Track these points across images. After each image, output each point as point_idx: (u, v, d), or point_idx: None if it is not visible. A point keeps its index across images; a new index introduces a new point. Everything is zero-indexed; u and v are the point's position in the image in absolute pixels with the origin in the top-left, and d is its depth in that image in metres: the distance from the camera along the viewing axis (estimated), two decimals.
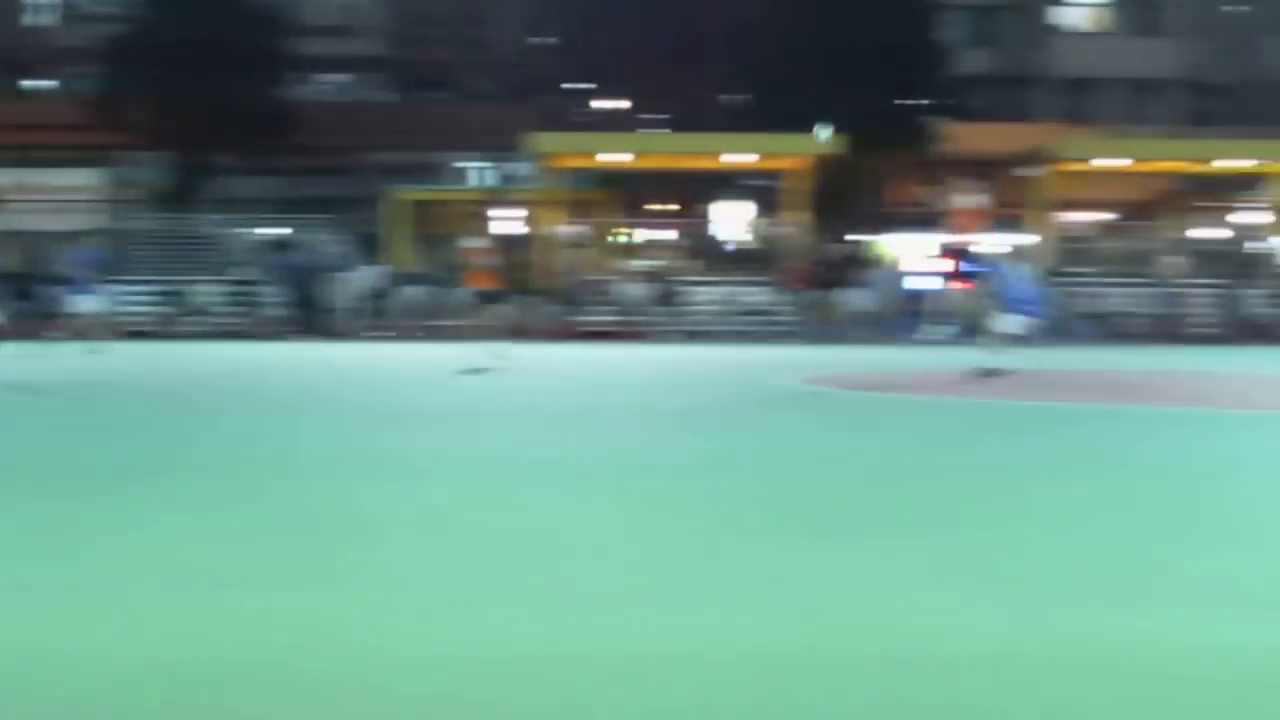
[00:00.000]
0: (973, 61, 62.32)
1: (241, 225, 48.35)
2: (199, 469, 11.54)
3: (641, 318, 40.05)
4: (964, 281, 41.29)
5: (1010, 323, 23.23)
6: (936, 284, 42.70)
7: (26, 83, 62.91)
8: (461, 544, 8.03)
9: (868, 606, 6.43)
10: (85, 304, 32.15)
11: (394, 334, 38.53)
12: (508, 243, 39.19)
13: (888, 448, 13.24)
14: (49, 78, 62.78)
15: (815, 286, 41.66)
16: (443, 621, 6.21)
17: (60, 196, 51.19)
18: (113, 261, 36.66)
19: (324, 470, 11.35)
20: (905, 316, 40.02)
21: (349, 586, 6.91)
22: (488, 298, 26.82)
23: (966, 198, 27.36)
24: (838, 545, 8.05)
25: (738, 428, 15.40)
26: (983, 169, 54.77)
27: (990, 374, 22.06)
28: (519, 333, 26.80)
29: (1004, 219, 47.97)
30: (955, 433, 14.94)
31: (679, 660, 5.55)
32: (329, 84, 64.34)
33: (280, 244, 45.56)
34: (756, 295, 41.11)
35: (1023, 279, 24.11)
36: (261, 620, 6.24)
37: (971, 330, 25.89)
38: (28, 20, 63.20)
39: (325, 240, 44.49)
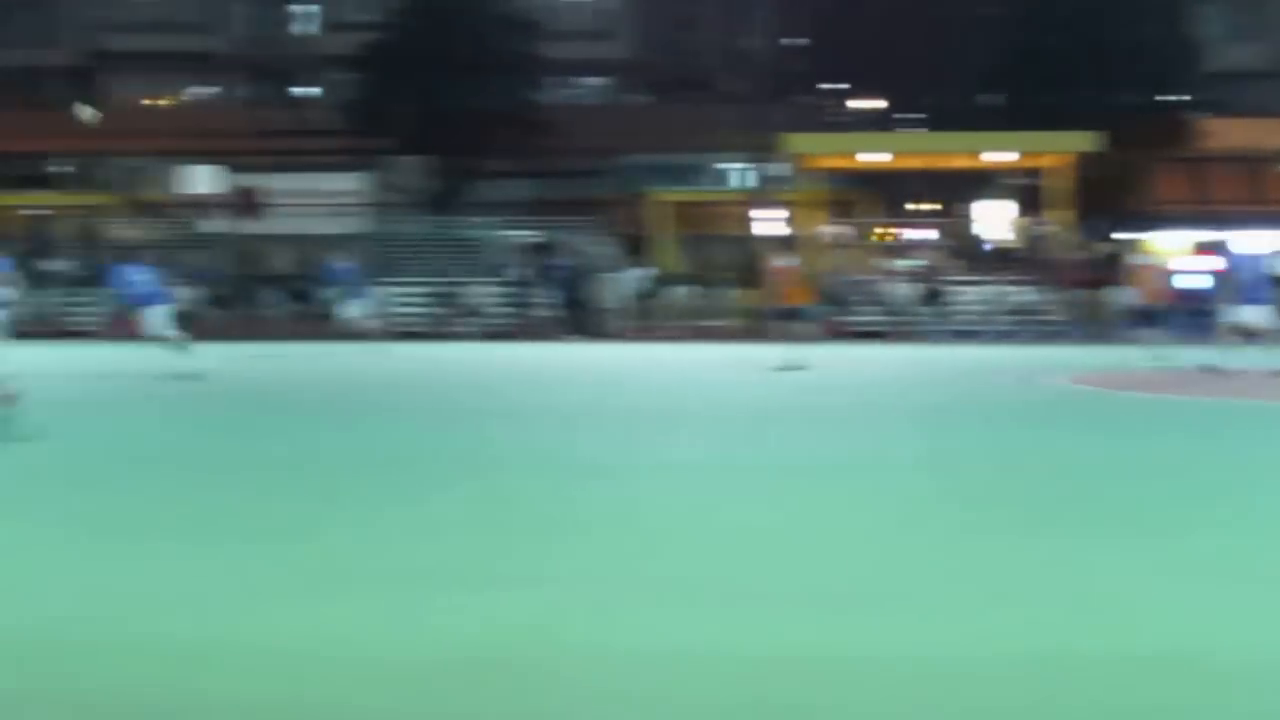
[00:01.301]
0: (1234, 55, 61.19)
1: (504, 228, 49.13)
2: (440, 467, 12.04)
3: (907, 318, 40.01)
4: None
5: (1249, 314, 22.67)
6: (1204, 282, 41.85)
7: (293, 90, 64.69)
8: (710, 542, 8.15)
9: (1112, 608, 6.33)
10: (353, 307, 32.97)
11: (661, 335, 38.90)
12: (770, 246, 39.37)
13: (1149, 450, 13.15)
14: (314, 85, 64.52)
15: (1082, 285, 41.21)
16: (653, 617, 6.31)
17: (327, 201, 52.31)
18: (371, 268, 37.34)
19: (534, 469, 11.65)
20: (1174, 315, 39.34)
21: (563, 582, 7.10)
22: (790, 313, 26.82)
23: None
24: (1077, 544, 7.96)
25: (1001, 427, 15.44)
26: (1246, 165, 53.81)
27: (1213, 370, 21.71)
28: (790, 336, 26.90)
29: (1269, 216, 47.06)
30: (1219, 435, 14.74)
31: (905, 662, 5.49)
32: (586, 87, 65.21)
33: (543, 246, 46.20)
34: (1023, 295, 40.79)
35: (1259, 268, 23.48)
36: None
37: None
38: (293, 29, 65.05)
39: (590, 242, 45.02)
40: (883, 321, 39.99)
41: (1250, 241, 30.24)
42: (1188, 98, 55.76)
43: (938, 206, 53.46)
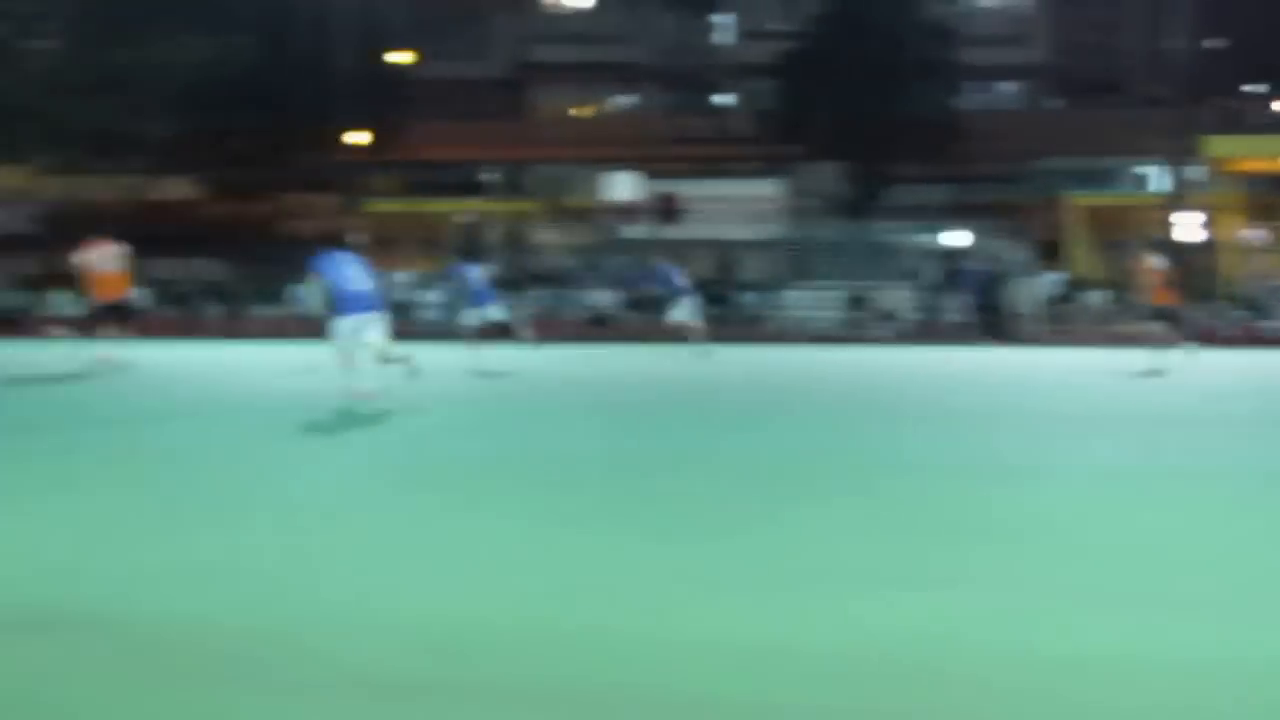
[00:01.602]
0: None
1: (918, 232, 49.49)
2: (857, 468, 12.45)
3: None
4: None
5: None
6: None
7: (711, 98, 66.10)
8: (1122, 547, 8.35)
9: None
10: (682, 311, 33.59)
11: (1075, 340, 38.81)
12: (1185, 250, 39.04)
13: None
14: (731, 93, 65.80)
15: None
16: (1070, 622, 6.45)
17: (744, 206, 53.34)
18: (786, 273, 37.94)
19: (951, 472, 11.86)
20: None
21: (981, 585, 7.27)
22: (1162, 313, 26.85)
23: None
24: None
25: None
26: None
27: None
28: (1200, 339, 26.83)
29: None
30: None
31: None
32: (1000, 92, 65.08)
33: (957, 250, 46.48)
34: None
35: None
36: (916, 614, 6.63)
37: None
38: (712, 39, 66.50)
39: (1003, 247, 45.12)
40: None
41: None
42: None
43: None
